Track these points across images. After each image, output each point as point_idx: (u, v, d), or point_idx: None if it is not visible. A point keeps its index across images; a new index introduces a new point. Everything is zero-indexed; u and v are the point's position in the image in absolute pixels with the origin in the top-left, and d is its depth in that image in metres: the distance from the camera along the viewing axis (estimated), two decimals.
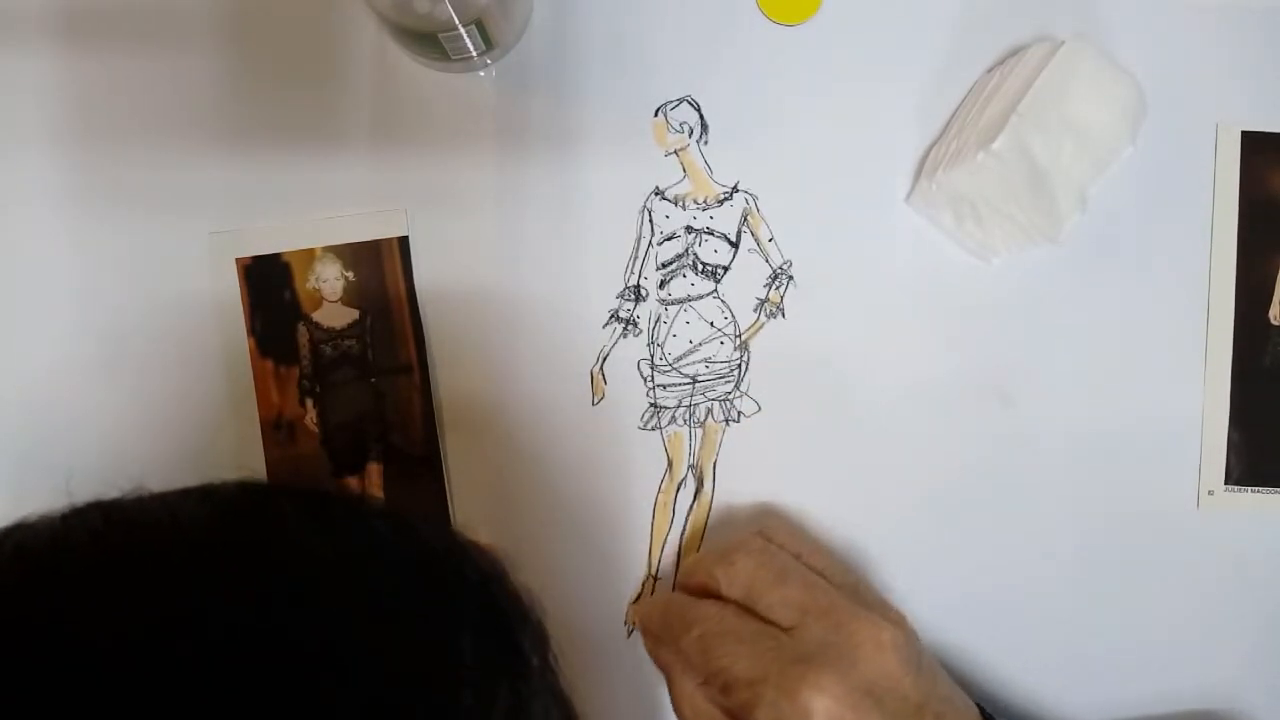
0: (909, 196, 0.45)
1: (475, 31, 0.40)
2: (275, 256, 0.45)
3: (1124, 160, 0.42)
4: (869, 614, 0.38)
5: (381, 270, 0.45)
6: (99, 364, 0.44)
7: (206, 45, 0.45)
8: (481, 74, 0.45)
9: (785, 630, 0.38)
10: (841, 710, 0.36)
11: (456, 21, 0.39)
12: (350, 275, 0.45)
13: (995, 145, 0.40)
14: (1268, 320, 0.46)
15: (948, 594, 0.44)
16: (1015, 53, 0.44)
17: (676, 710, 0.41)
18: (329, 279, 0.45)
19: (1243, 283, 0.45)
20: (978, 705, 0.39)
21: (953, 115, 0.45)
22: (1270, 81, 0.46)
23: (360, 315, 0.45)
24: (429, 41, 0.40)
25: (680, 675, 0.41)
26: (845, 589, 0.40)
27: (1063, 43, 0.42)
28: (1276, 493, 0.45)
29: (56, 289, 0.44)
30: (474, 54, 0.42)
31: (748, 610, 0.39)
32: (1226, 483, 0.45)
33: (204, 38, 0.45)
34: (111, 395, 0.44)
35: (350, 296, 0.45)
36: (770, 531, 0.42)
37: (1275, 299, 0.46)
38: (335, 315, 0.45)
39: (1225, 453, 0.45)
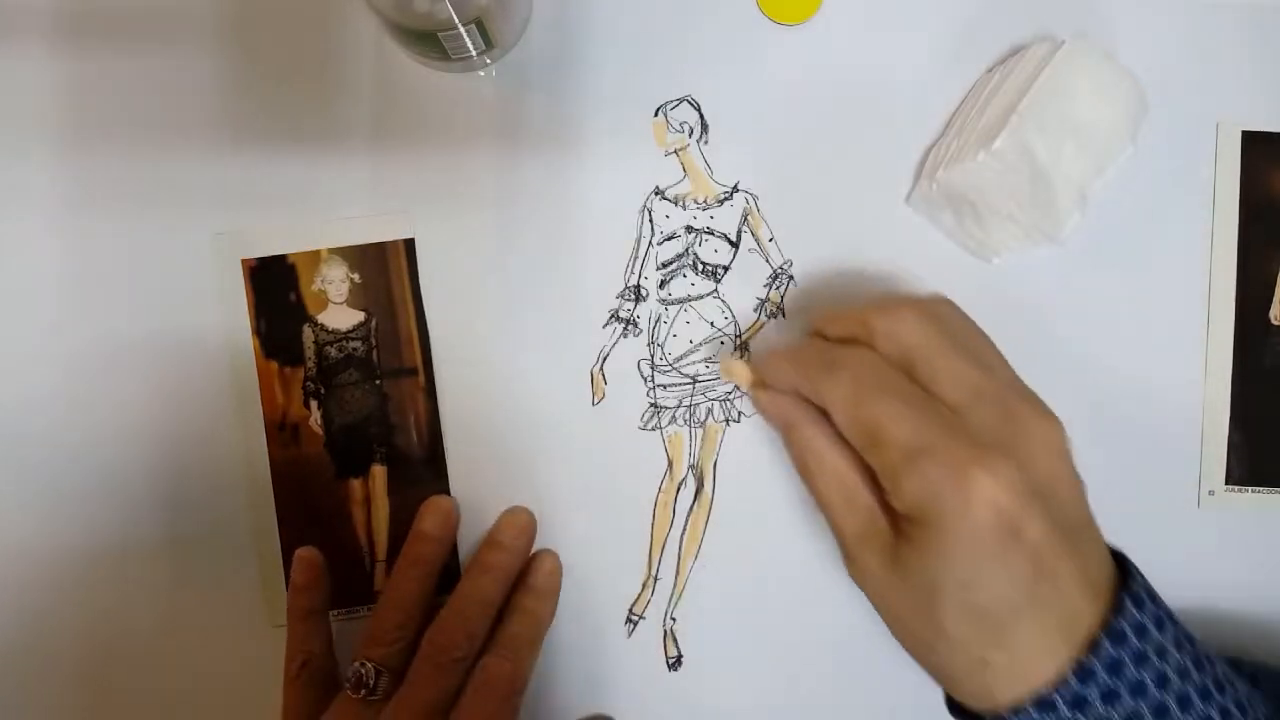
0: (909, 197, 0.45)
1: (475, 31, 0.40)
2: (281, 258, 0.45)
3: (1125, 160, 0.42)
4: (1041, 410, 0.35)
5: (387, 272, 0.45)
6: (102, 364, 0.44)
7: (208, 45, 0.45)
8: (481, 74, 0.45)
9: (951, 407, 0.35)
10: (1009, 502, 0.32)
11: (456, 21, 0.39)
12: (356, 277, 0.45)
13: (996, 145, 0.40)
14: (1268, 320, 0.46)
15: None
16: (1016, 52, 0.44)
17: (799, 467, 0.38)
18: (335, 281, 0.45)
19: (1243, 283, 0.45)
20: (1117, 557, 0.36)
21: (953, 115, 0.45)
22: (1270, 81, 0.46)
23: (366, 317, 0.45)
24: (429, 41, 0.40)
25: (808, 426, 0.37)
26: (1016, 387, 0.36)
27: (1063, 42, 0.42)
28: (1277, 493, 0.45)
29: (60, 289, 0.44)
30: (474, 54, 0.42)
31: (907, 377, 0.35)
32: (1227, 483, 0.45)
33: (205, 38, 0.45)
34: (115, 395, 0.44)
35: (356, 298, 0.45)
36: (939, 305, 0.38)
37: (1275, 299, 0.46)
38: (341, 317, 0.45)
39: (1225, 453, 0.45)
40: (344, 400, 0.45)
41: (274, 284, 0.45)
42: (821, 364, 0.37)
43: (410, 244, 0.45)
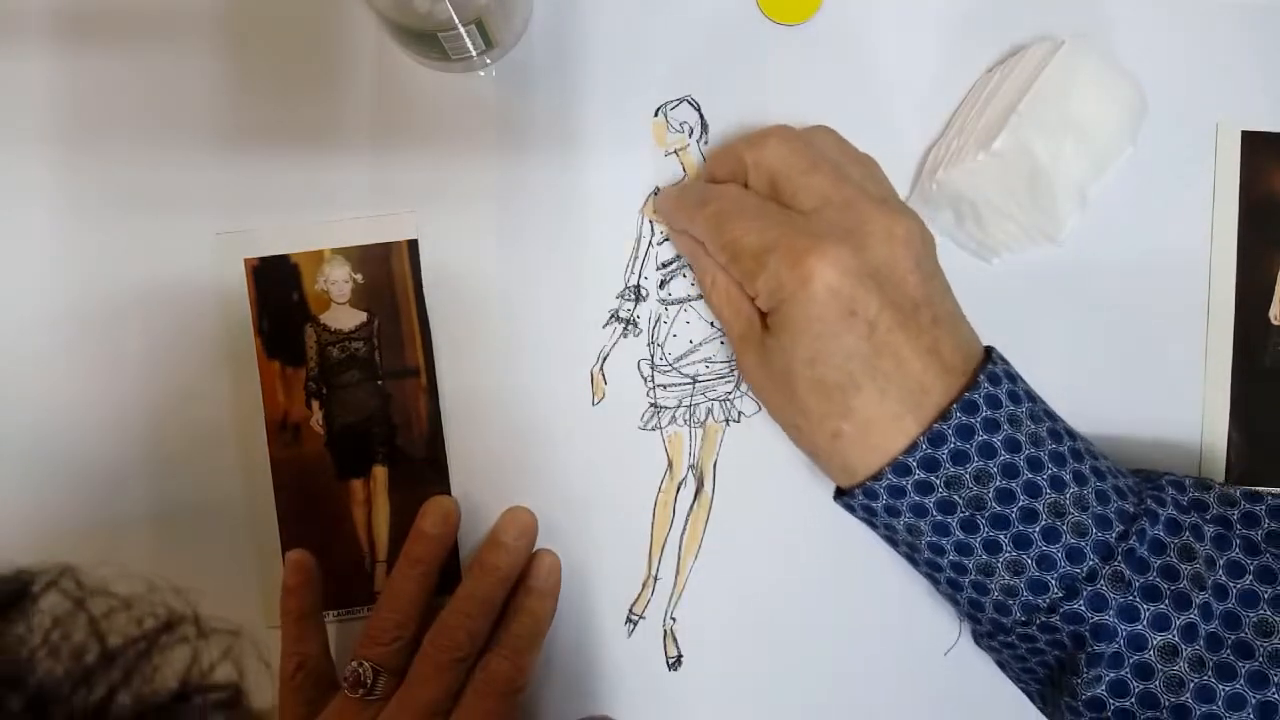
0: (909, 196, 0.45)
1: (475, 31, 0.40)
2: (284, 257, 0.45)
3: (1124, 160, 0.42)
4: (891, 209, 0.38)
5: (390, 273, 0.45)
6: (103, 361, 0.44)
7: (208, 45, 0.45)
8: (481, 74, 0.45)
9: (803, 214, 0.38)
10: (841, 283, 0.36)
11: (456, 21, 0.39)
12: (359, 277, 0.45)
13: (996, 145, 0.40)
14: (1268, 320, 0.46)
15: None
16: (1015, 52, 0.44)
17: (699, 286, 0.42)
18: (338, 281, 0.45)
19: (1243, 283, 0.45)
20: (987, 349, 0.39)
21: (953, 115, 0.45)
22: (1270, 81, 0.46)
23: (368, 318, 0.45)
24: (429, 41, 0.40)
25: (700, 252, 0.41)
26: (875, 195, 0.39)
27: (1063, 42, 0.42)
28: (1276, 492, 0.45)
29: (62, 286, 0.44)
30: (474, 54, 0.42)
31: (771, 200, 0.39)
32: (1226, 482, 0.45)
33: (205, 37, 0.45)
34: (116, 393, 0.44)
35: (358, 299, 0.45)
36: (812, 131, 0.41)
37: (1275, 299, 0.46)
38: (343, 317, 0.45)
39: (1225, 453, 0.45)
40: (346, 400, 0.45)
41: (276, 283, 0.45)
42: (695, 202, 0.41)
43: (413, 245, 0.45)
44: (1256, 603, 0.36)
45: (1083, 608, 0.36)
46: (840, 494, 0.40)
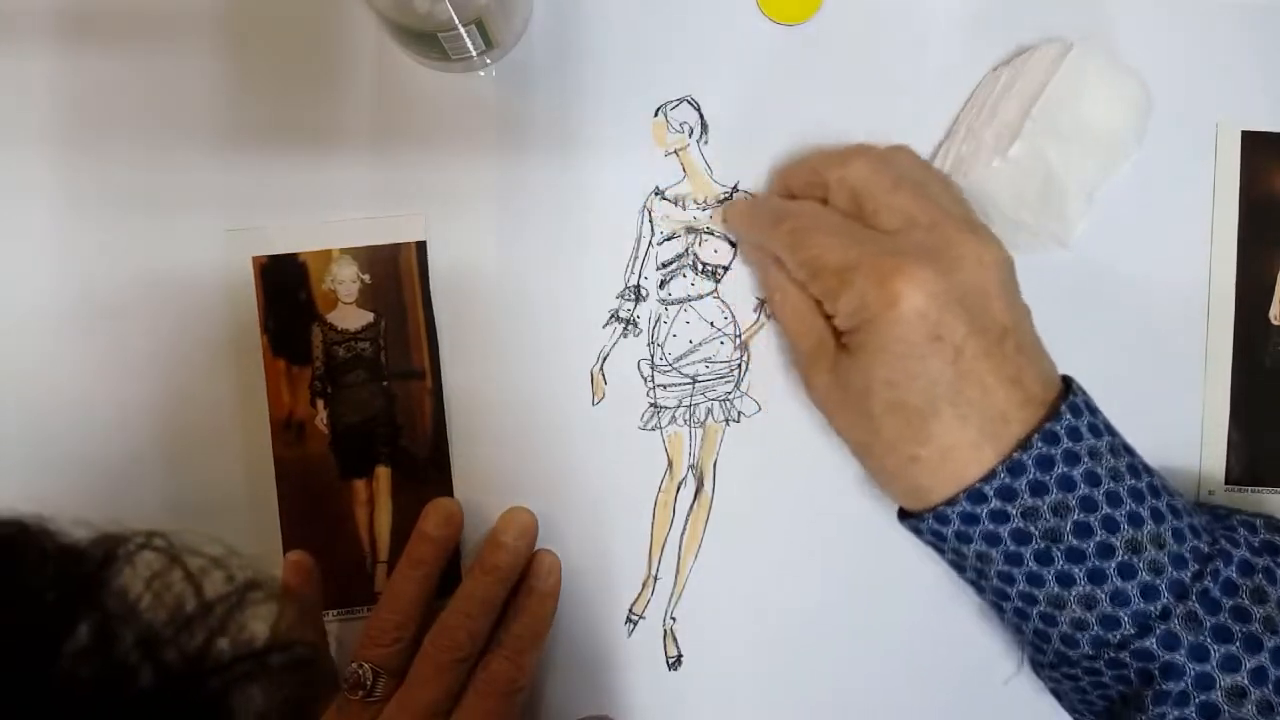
0: None
1: (475, 31, 0.40)
2: (292, 256, 0.45)
3: (1132, 163, 0.42)
4: (978, 234, 0.38)
5: (398, 274, 0.45)
6: (109, 357, 0.44)
7: (209, 45, 0.45)
8: (481, 74, 0.45)
9: (886, 234, 0.38)
10: (929, 307, 0.35)
11: (456, 21, 0.39)
12: (366, 278, 0.45)
13: (1012, 151, 0.40)
14: (1268, 320, 0.46)
15: (948, 585, 0.44)
16: (1020, 53, 0.44)
17: (768, 301, 0.43)
18: (345, 281, 0.45)
19: (1243, 283, 0.45)
20: (1065, 378, 0.39)
21: (959, 116, 0.45)
22: (1270, 81, 0.46)
23: (375, 318, 0.45)
24: (429, 41, 0.40)
25: (771, 266, 0.41)
26: (960, 218, 0.38)
27: (1072, 45, 0.42)
28: (1277, 493, 0.45)
29: (67, 285, 0.44)
30: (474, 54, 0.42)
31: (852, 218, 0.39)
32: (1226, 483, 0.45)
33: (206, 38, 0.45)
34: (122, 389, 0.44)
35: (365, 299, 0.45)
36: (894, 151, 0.41)
37: (1275, 299, 0.46)
38: (350, 317, 0.45)
39: (1225, 453, 0.45)
40: (350, 400, 0.45)
41: (284, 282, 0.45)
42: (771, 218, 0.40)
43: (422, 246, 0.45)
44: None
45: (1154, 645, 0.36)
46: (906, 516, 0.40)
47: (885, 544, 0.44)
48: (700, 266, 0.45)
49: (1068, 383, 0.39)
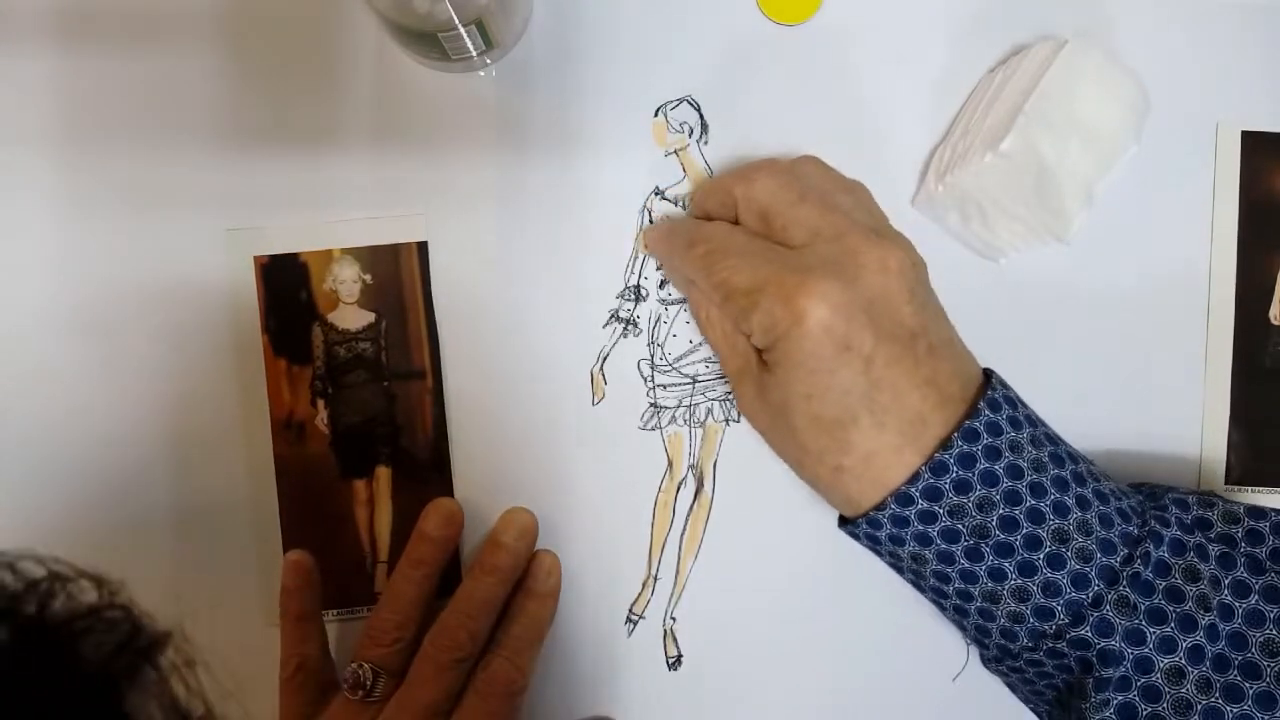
0: (914, 198, 0.45)
1: (475, 31, 0.40)
2: (293, 256, 0.45)
3: (1129, 158, 0.42)
4: (882, 240, 0.38)
5: (399, 274, 0.45)
6: (110, 356, 0.44)
7: (209, 45, 0.45)
8: (481, 74, 0.45)
9: (793, 249, 0.38)
10: (835, 320, 0.36)
11: (456, 21, 0.39)
12: (368, 278, 0.45)
13: (1004, 146, 0.40)
14: (1268, 320, 0.46)
15: None
16: (1017, 52, 0.44)
17: (697, 323, 0.43)
18: (346, 281, 0.45)
19: (1243, 283, 0.45)
20: (986, 372, 0.39)
21: (956, 116, 0.45)
22: (1270, 81, 0.46)
23: (376, 318, 0.45)
24: (429, 41, 0.40)
25: (693, 288, 0.41)
26: (865, 225, 0.38)
27: (1066, 41, 0.42)
28: (1277, 492, 0.45)
29: (66, 284, 0.44)
30: (474, 54, 0.42)
31: (761, 235, 0.39)
32: (1226, 483, 0.45)
33: (206, 38, 0.45)
34: (121, 388, 0.44)
35: (367, 299, 0.45)
36: (800, 163, 0.41)
37: (1275, 299, 0.46)
38: (351, 317, 0.45)
39: (1225, 453, 0.45)
40: (351, 400, 0.45)
41: (285, 281, 0.45)
42: (684, 243, 0.41)
43: (423, 247, 0.45)
44: (1263, 622, 0.36)
45: (1089, 633, 0.36)
46: (844, 522, 0.40)
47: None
48: None
49: (988, 377, 0.39)
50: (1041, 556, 0.36)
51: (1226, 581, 0.36)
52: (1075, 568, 0.36)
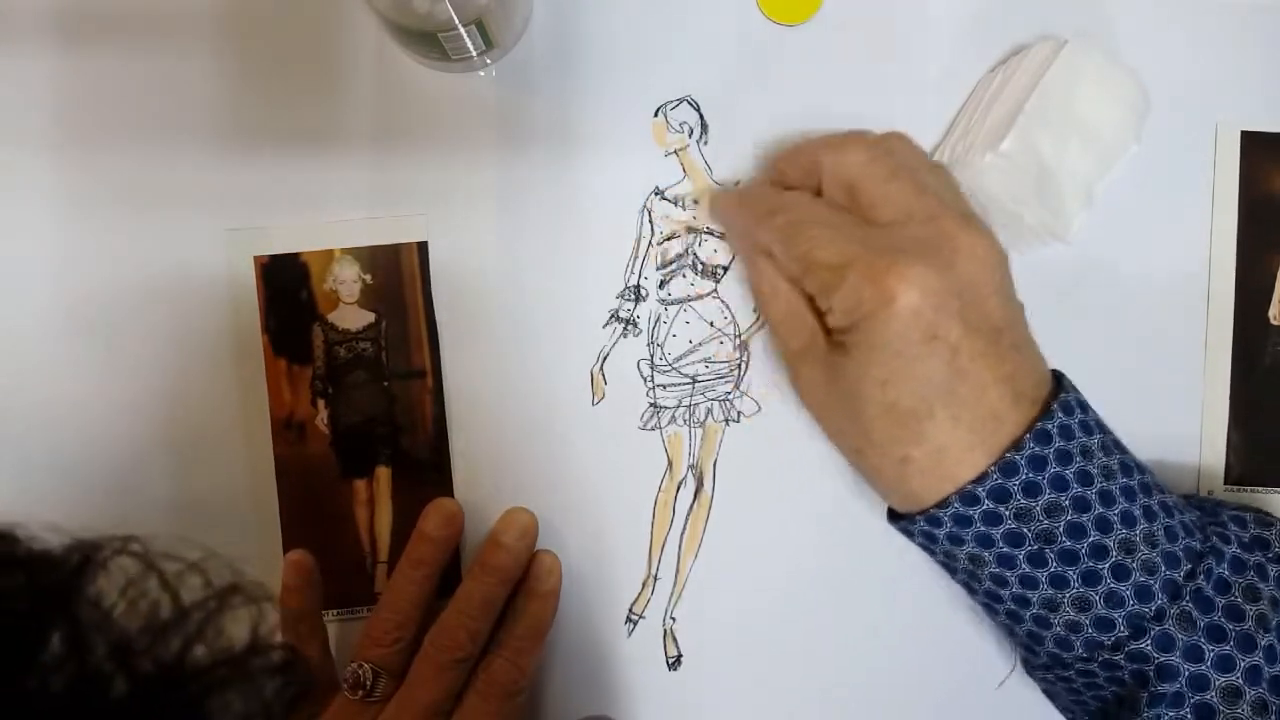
0: None
1: (475, 31, 0.40)
2: (294, 256, 0.45)
3: (1130, 157, 0.42)
4: (974, 227, 0.36)
5: (399, 275, 0.45)
6: (110, 356, 0.44)
7: (209, 45, 0.45)
8: (481, 74, 0.45)
9: (880, 227, 0.37)
10: (925, 306, 0.34)
11: (456, 21, 0.39)
12: (368, 278, 0.45)
13: (1004, 146, 0.40)
14: (1268, 320, 0.46)
15: (946, 586, 0.44)
16: (1017, 52, 0.44)
17: (755, 295, 0.41)
18: (346, 281, 0.45)
19: (1242, 283, 0.45)
20: (1056, 374, 0.38)
21: (956, 116, 0.45)
22: (1270, 81, 0.46)
23: (376, 318, 0.45)
24: (429, 41, 0.40)
25: (760, 259, 0.40)
26: (956, 210, 0.37)
27: (1066, 42, 0.42)
28: (1276, 493, 0.46)
29: (67, 284, 0.44)
30: (474, 54, 0.42)
31: (845, 209, 0.38)
32: (1226, 483, 0.45)
33: (206, 38, 0.45)
34: (122, 389, 0.44)
35: (367, 299, 0.45)
36: (889, 138, 0.40)
37: (1275, 299, 0.46)
38: (351, 317, 0.45)
39: (1225, 453, 0.45)
40: (351, 400, 0.45)
41: (286, 281, 0.45)
42: (763, 209, 0.39)
43: (423, 247, 0.45)
44: None
45: (1149, 647, 0.35)
46: (896, 517, 0.40)
47: (885, 544, 0.44)
48: (700, 266, 0.45)
49: (1058, 379, 0.38)
50: (1106, 566, 0.36)
51: None
52: (1140, 580, 0.36)
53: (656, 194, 0.45)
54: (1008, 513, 0.36)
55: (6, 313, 0.44)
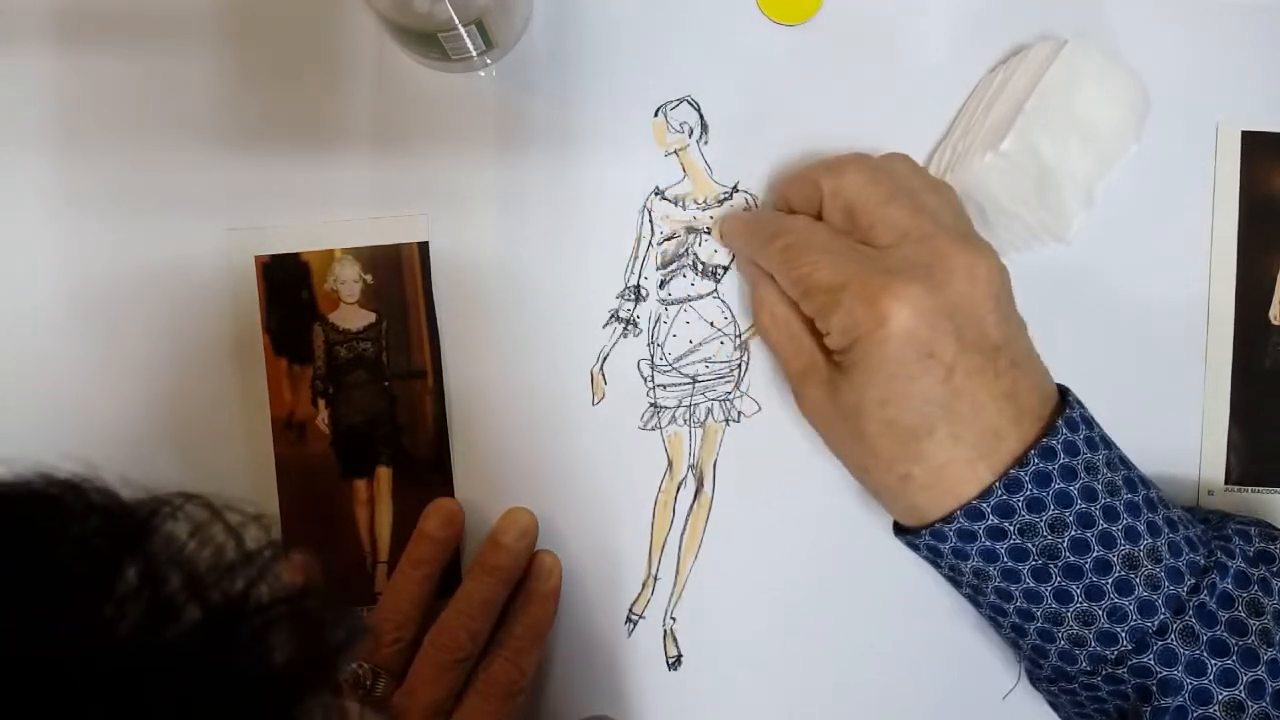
0: None
1: (475, 31, 0.40)
2: (295, 256, 0.45)
3: (1130, 157, 0.42)
4: (971, 246, 0.37)
5: (400, 275, 0.45)
6: (110, 355, 0.44)
7: (209, 45, 0.45)
8: (481, 74, 0.45)
9: (878, 249, 0.37)
10: (918, 325, 0.35)
11: (456, 21, 0.39)
12: (369, 278, 0.45)
13: (1004, 146, 0.40)
14: (1268, 320, 0.46)
15: (948, 589, 0.44)
16: (1017, 52, 0.44)
17: (756, 319, 0.42)
18: (347, 281, 0.45)
19: (1243, 283, 0.45)
20: (1061, 389, 0.39)
21: (956, 116, 0.45)
22: (1270, 81, 0.46)
23: (377, 318, 0.45)
24: (429, 41, 0.40)
25: (763, 283, 0.41)
26: (953, 230, 0.38)
27: (1066, 41, 0.42)
28: (1276, 493, 0.46)
29: (67, 283, 0.44)
30: (474, 54, 0.42)
31: (845, 233, 0.38)
32: (1226, 483, 0.45)
33: (206, 38, 0.45)
34: (123, 389, 0.44)
35: (368, 299, 0.45)
36: (889, 160, 0.40)
37: (1275, 299, 0.46)
38: (352, 317, 0.45)
39: (1225, 453, 0.45)
40: (352, 400, 0.45)
41: (286, 281, 0.45)
42: (766, 234, 0.40)
43: (424, 247, 0.45)
44: None
45: (1151, 661, 0.35)
46: (902, 531, 0.40)
47: (885, 544, 0.44)
48: (700, 266, 0.45)
49: (1064, 394, 0.38)
50: (1110, 581, 0.36)
51: None
52: (1143, 595, 0.36)
53: (657, 194, 0.45)
54: (1012, 528, 0.36)
55: (7, 313, 0.44)
